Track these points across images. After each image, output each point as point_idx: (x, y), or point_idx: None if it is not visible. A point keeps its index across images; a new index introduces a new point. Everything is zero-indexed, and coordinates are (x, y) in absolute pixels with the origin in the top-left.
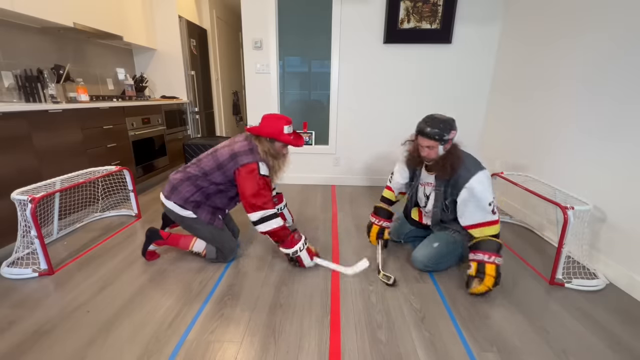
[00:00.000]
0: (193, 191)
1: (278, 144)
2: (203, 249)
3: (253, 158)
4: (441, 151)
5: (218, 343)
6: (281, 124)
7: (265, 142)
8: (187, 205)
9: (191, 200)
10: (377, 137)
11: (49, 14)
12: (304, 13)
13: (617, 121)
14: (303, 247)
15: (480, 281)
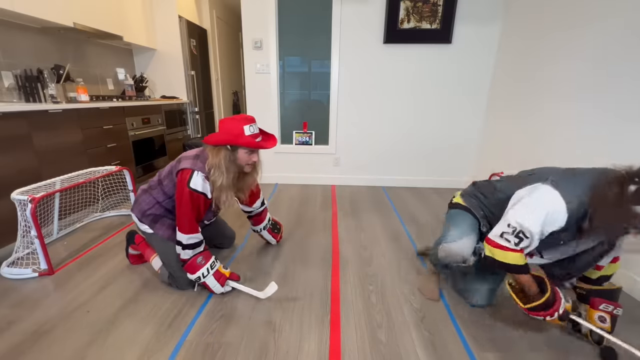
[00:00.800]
0: (151, 203)
1: (241, 151)
2: (158, 267)
3: (191, 164)
4: None
5: (218, 343)
6: (239, 125)
7: (223, 151)
8: (144, 218)
9: (148, 213)
10: (377, 136)
11: (49, 14)
12: (304, 13)
13: (617, 121)
14: (209, 271)
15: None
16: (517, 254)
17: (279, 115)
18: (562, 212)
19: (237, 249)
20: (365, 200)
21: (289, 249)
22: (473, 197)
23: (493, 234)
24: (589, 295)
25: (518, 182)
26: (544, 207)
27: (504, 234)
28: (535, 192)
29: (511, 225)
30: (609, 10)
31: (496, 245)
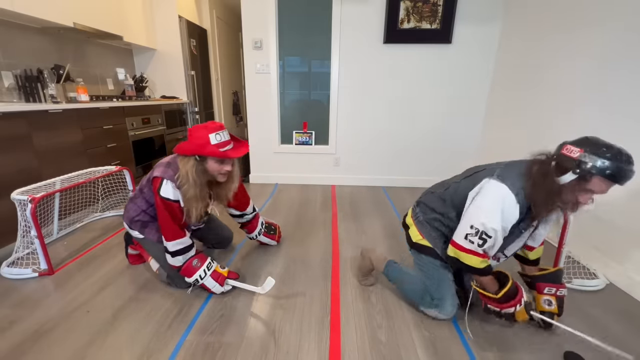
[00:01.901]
0: (137, 211)
1: (210, 160)
2: (157, 267)
3: (161, 172)
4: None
5: (218, 343)
6: (204, 133)
7: (192, 161)
8: (132, 225)
9: (136, 220)
10: (377, 136)
11: (49, 14)
12: (304, 13)
13: (617, 121)
14: (205, 273)
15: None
16: (480, 258)
17: (279, 115)
18: (514, 204)
19: (235, 250)
20: (365, 200)
21: (289, 249)
22: (431, 229)
23: (457, 236)
24: (534, 282)
25: (467, 183)
26: (499, 203)
27: (467, 236)
28: (486, 190)
29: (474, 227)
30: (609, 12)
31: (461, 248)
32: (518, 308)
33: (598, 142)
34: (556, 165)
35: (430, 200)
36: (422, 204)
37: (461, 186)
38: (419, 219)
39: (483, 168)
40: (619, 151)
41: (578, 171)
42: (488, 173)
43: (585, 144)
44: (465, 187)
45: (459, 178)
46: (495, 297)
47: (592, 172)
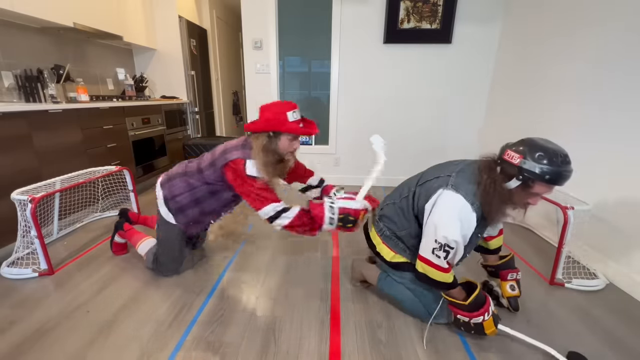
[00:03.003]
0: (185, 189)
1: (284, 137)
2: (145, 252)
3: (242, 154)
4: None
5: (218, 343)
6: (283, 110)
7: (264, 137)
8: (170, 202)
9: (178, 199)
10: None
11: (49, 14)
12: (304, 13)
13: (617, 121)
14: (332, 201)
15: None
16: (447, 273)
17: None
18: (470, 212)
19: (236, 250)
20: None
21: (289, 249)
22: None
23: (424, 250)
24: (497, 270)
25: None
26: (456, 214)
27: (434, 250)
28: (442, 201)
29: (437, 241)
30: (609, 12)
31: (429, 263)
32: (486, 317)
33: (534, 145)
34: (501, 172)
35: (391, 213)
36: (384, 218)
37: (416, 196)
38: (385, 234)
39: (435, 175)
40: (554, 153)
41: (521, 177)
42: (442, 182)
43: (523, 149)
44: (419, 197)
45: (413, 185)
46: (464, 304)
47: (533, 178)
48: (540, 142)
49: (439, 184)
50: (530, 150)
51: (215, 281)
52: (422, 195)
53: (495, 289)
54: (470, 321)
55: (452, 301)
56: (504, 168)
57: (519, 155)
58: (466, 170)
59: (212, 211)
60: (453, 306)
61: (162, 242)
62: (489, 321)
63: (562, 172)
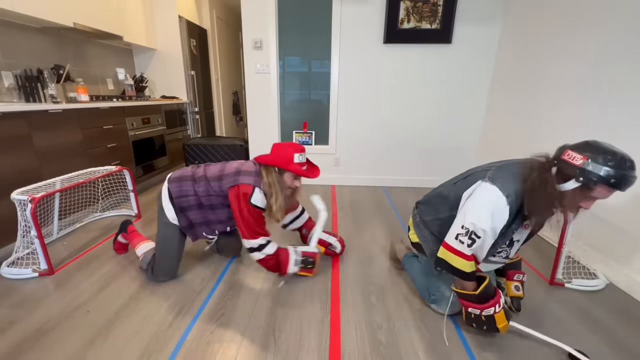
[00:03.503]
0: (190, 193)
1: (287, 175)
2: (143, 252)
3: (253, 182)
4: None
5: (218, 343)
6: (290, 151)
7: (273, 172)
8: (176, 200)
9: (184, 199)
10: (377, 136)
11: (49, 14)
12: (304, 13)
13: (617, 121)
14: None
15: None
16: (468, 261)
17: (279, 115)
18: (504, 206)
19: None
20: (366, 200)
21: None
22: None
23: (449, 237)
24: (505, 270)
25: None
26: (489, 204)
27: (458, 236)
28: (478, 192)
29: (464, 227)
30: (609, 13)
31: (451, 249)
32: (497, 309)
33: (600, 148)
34: (557, 172)
35: (428, 201)
36: (421, 205)
37: (457, 187)
38: (416, 220)
39: (478, 170)
40: (622, 158)
41: (581, 179)
42: (481, 175)
43: (587, 150)
44: (460, 189)
45: (457, 179)
46: (475, 294)
47: (596, 180)
48: (607, 145)
49: (478, 177)
50: (596, 152)
51: (216, 281)
52: (462, 186)
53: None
54: (482, 314)
55: (462, 293)
56: (560, 168)
57: (582, 156)
58: (509, 167)
59: (209, 222)
60: (463, 299)
61: (160, 241)
62: (500, 314)
63: (628, 176)
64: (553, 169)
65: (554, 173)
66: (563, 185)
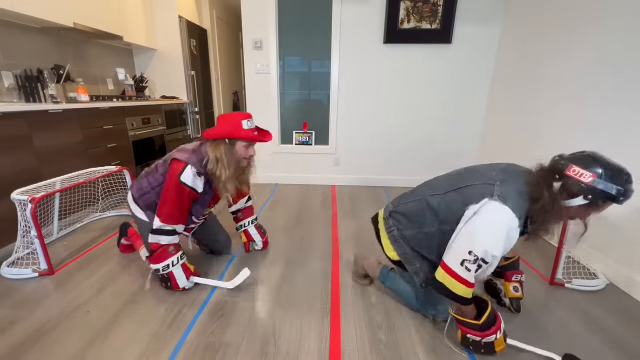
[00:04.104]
0: (148, 188)
1: (239, 144)
2: (146, 257)
3: (186, 158)
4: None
5: (218, 343)
6: (237, 119)
7: (221, 145)
8: (139, 200)
9: (145, 197)
10: (377, 136)
11: (49, 14)
12: (304, 13)
13: (617, 120)
14: (178, 261)
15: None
16: (470, 289)
17: (279, 115)
18: (516, 228)
19: (236, 250)
20: (365, 200)
21: (289, 249)
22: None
23: (451, 261)
24: (502, 271)
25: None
26: (503, 228)
27: (464, 262)
28: (488, 212)
29: (473, 253)
30: (609, 12)
31: (454, 274)
32: (498, 335)
33: (606, 163)
34: (562, 188)
35: (407, 211)
36: (397, 215)
37: (449, 199)
38: (393, 233)
39: (476, 182)
40: (627, 174)
41: (590, 197)
42: (485, 190)
43: (593, 166)
44: (454, 201)
45: (443, 189)
46: (477, 324)
47: (605, 199)
48: (608, 159)
49: (482, 192)
50: (604, 168)
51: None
52: (456, 201)
53: (499, 287)
54: (482, 340)
55: (463, 321)
56: (566, 184)
57: (590, 174)
58: (512, 181)
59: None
60: (462, 325)
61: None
62: (500, 339)
63: (631, 192)
64: (556, 184)
65: (557, 189)
66: (569, 201)
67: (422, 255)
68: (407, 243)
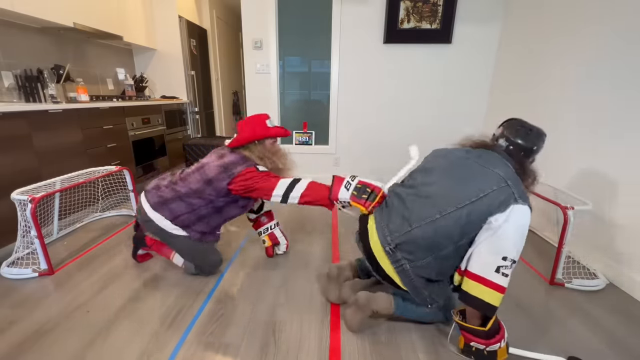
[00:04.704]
0: (185, 210)
1: (267, 142)
2: (182, 263)
3: (248, 164)
4: None
5: (218, 343)
6: (262, 119)
7: (255, 147)
8: (176, 221)
9: (181, 218)
10: (377, 136)
11: (49, 14)
12: (304, 13)
13: (618, 120)
14: (353, 177)
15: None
16: (503, 294)
17: (279, 115)
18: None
19: (236, 252)
20: None
21: (289, 249)
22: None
23: (483, 270)
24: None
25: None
26: (527, 226)
27: (500, 269)
28: (517, 217)
29: (509, 258)
30: (610, 12)
31: (490, 284)
32: (502, 344)
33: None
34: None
35: (418, 239)
36: (406, 246)
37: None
38: (404, 267)
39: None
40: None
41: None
42: (507, 196)
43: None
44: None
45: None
46: (484, 330)
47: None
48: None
49: (505, 200)
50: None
51: (215, 281)
52: (478, 214)
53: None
54: (485, 349)
55: (468, 327)
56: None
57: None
58: (511, 174)
59: (218, 225)
60: (469, 333)
61: (190, 255)
62: (503, 349)
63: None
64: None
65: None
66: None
67: (428, 280)
68: (417, 273)
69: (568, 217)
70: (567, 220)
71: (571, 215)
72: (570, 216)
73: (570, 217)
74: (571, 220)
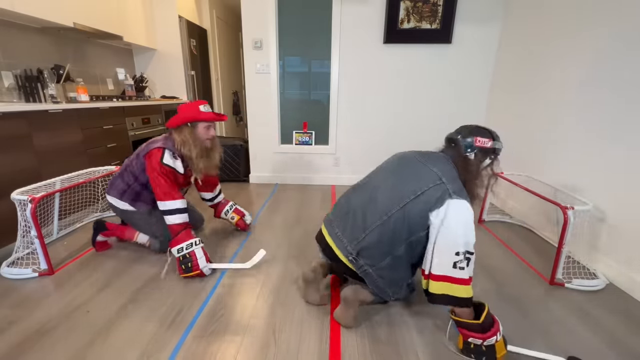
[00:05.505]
0: (126, 185)
1: (200, 125)
2: (147, 240)
3: (162, 144)
4: None
5: (218, 343)
6: (195, 105)
7: (185, 129)
8: (124, 198)
9: (127, 192)
10: (377, 136)
11: (49, 14)
12: (304, 13)
13: (618, 121)
14: (199, 243)
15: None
16: (469, 286)
17: (279, 115)
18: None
19: (236, 250)
20: None
21: (289, 249)
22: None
23: (441, 270)
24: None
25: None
26: (469, 218)
27: (456, 264)
28: (453, 211)
29: (460, 253)
30: (610, 12)
31: (451, 279)
32: (498, 337)
33: (486, 129)
34: (476, 157)
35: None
36: (366, 252)
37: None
38: (367, 271)
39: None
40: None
41: (492, 156)
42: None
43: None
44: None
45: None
46: (477, 323)
47: (498, 153)
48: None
49: (440, 195)
50: (491, 133)
51: (216, 281)
52: (418, 211)
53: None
54: (483, 344)
55: (463, 322)
56: (477, 154)
57: (488, 139)
58: (448, 171)
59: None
60: (465, 328)
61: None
62: (500, 342)
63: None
64: (472, 156)
65: (474, 159)
66: (482, 164)
67: (390, 280)
68: (379, 274)
69: (568, 217)
70: (567, 220)
71: (571, 215)
72: (570, 216)
73: (570, 217)
74: (571, 220)
